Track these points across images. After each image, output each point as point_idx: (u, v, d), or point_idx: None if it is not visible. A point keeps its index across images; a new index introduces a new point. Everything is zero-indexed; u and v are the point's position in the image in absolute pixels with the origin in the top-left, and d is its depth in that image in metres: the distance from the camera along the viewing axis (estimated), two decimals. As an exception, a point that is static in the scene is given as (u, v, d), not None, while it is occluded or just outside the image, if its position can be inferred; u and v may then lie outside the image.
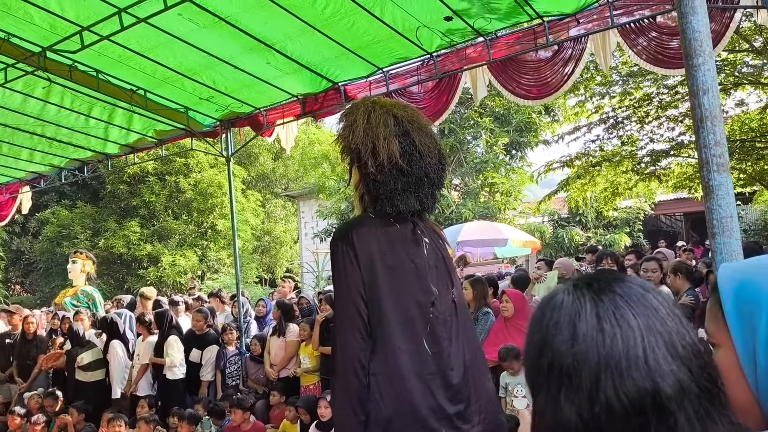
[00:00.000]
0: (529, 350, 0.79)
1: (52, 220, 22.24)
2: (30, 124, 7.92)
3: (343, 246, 2.14)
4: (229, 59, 6.18)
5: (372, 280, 2.09)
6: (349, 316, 2.08)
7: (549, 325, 0.77)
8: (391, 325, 2.07)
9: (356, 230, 2.16)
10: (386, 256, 2.13)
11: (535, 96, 6.07)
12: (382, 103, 2.30)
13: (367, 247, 2.12)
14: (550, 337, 0.75)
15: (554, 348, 0.74)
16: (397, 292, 2.11)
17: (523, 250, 13.59)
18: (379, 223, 2.19)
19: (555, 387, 0.72)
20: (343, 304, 2.11)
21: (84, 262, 8.55)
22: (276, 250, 25.28)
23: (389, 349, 2.06)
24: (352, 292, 2.08)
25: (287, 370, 6.69)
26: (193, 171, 21.83)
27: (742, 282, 0.95)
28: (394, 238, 2.18)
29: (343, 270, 2.12)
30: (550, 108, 17.19)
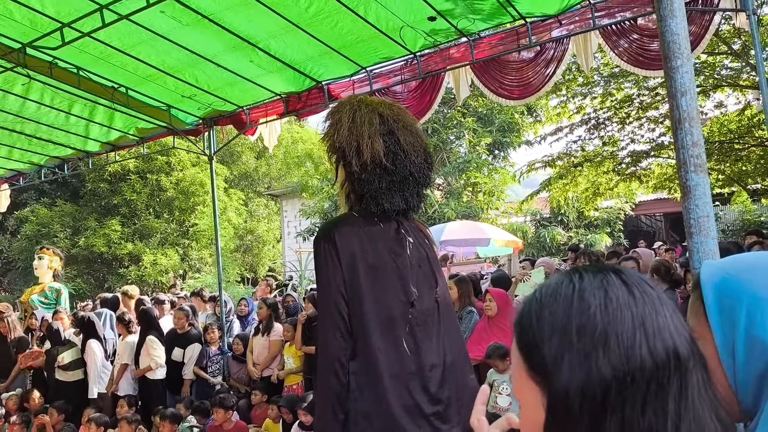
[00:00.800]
0: (545, 324, 0.79)
1: (31, 219, 21.99)
2: (9, 121, 7.81)
3: (325, 245, 2.14)
4: (212, 57, 6.15)
5: (353, 280, 2.10)
6: (330, 316, 2.08)
7: (573, 295, 0.79)
8: (370, 325, 2.08)
9: (339, 229, 2.16)
10: (368, 255, 2.14)
11: (518, 96, 6.12)
12: (368, 101, 2.31)
13: (349, 247, 2.13)
14: (578, 303, 0.78)
15: (587, 313, 0.77)
16: (378, 291, 2.12)
17: (506, 249, 13.66)
18: (363, 222, 2.19)
19: (587, 350, 0.74)
20: (325, 303, 2.12)
21: (51, 258, 8.30)
22: (259, 249, 25.20)
23: (368, 349, 2.06)
24: (333, 292, 2.09)
25: (270, 370, 6.67)
26: (174, 169, 21.70)
27: (723, 278, 0.99)
28: (376, 238, 2.19)
29: (324, 269, 2.13)
30: (533, 108, 17.30)
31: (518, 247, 14.09)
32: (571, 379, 0.74)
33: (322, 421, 2.06)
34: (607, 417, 0.72)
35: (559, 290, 0.81)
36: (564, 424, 0.74)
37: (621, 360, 0.73)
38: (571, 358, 0.75)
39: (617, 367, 0.73)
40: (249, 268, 24.91)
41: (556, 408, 0.75)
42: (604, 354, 0.73)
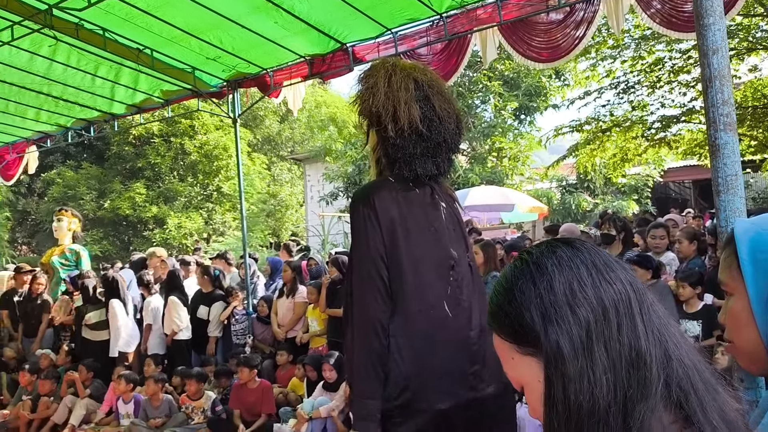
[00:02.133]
0: (518, 302, 0.86)
1: (57, 181, 22.29)
2: (36, 82, 7.86)
3: (364, 209, 2.14)
4: (237, 18, 6.10)
5: (392, 243, 2.10)
6: (370, 279, 2.08)
7: (528, 268, 0.88)
8: (411, 287, 2.09)
9: (377, 194, 2.16)
10: (406, 220, 2.14)
11: (546, 59, 5.98)
12: (403, 65, 2.29)
13: (387, 211, 2.13)
14: (536, 270, 0.87)
15: (547, 274, 0.86)
16: (418, 255, 2.13)
17: (530, 215, 13.59)
18: (399, 187, 2.19)
19: (560, 304, 0.84)
20: (364, 266, 2.12)
21: (70, 219, 8.32)
22: (282, 214, 25.34)
23: (409, 311, 2.08)
24: (374, 255, 2.09)
25: (294, 332, 6.75)
26: (198, 133, 21.78)
27: (758, 233, 1.03)
28: (413, 202, 2.19)
29: (364, 233, 2.12)
30: (561, 72, 16.95)
31: (543, 214, 14.00)
32: (560, 331, 0.82)
33: (362, 381, 2.06)
34: (594, 348, 0.81)
35: (515, 272, 0.89)
36: (563, 371, 0.81)
37: (591, 300, 0.83)
38: (552, 316, 0.83)
39: (591, 306, 0.82)
40: (272, 232, 25.09)
41: (554, 361, 0.82)
42: (576, 301, 0.83)
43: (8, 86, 7.97)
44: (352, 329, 2.14)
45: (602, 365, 0.80)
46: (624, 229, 5.79)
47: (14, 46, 6.74)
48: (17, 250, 23.84)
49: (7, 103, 8.59)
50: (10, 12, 5.94)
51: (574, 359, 0.81)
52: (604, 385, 0.79)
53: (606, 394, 0.79)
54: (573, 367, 0.81)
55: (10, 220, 22.49)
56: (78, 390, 6.54)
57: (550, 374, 0.82)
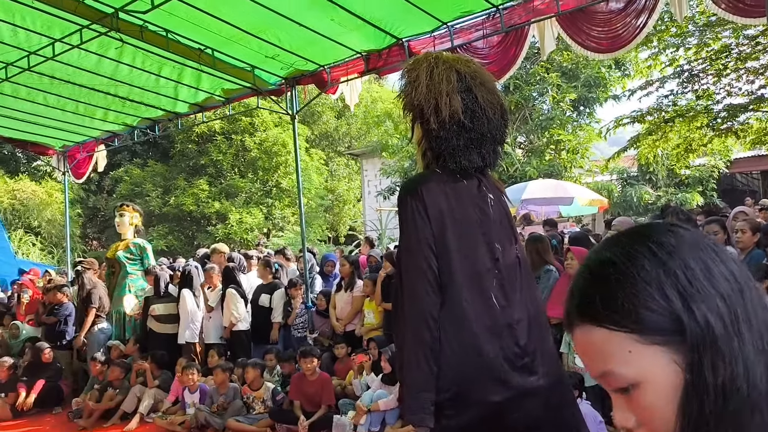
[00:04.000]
0: (645, 285, 0.75)
1: (125, 179, 23.09)
2: (104, 84, 8.19)
3: (412, 201, 2.15)
4: (294, 16, 6.20)
5: (441, 235, 2.11)
6: (420, 270, 2.09)
7: (644, 247, 0.78)
8: (459, 280, 2.09)
9: (425, 186, 2.17)
10: (454, 212, 2.15)
11: (606, 49, 5.87)
12: (445, 58, 2.29)
13: (436, 203, 2.13)
14: (658, 249, 0.77)
15: (671, 251, 0.77)
16: (466, 247, 2.13)
17: (590, 208, 13.31)
18: (447, 179, 2.20)
19: (696, 279, 0.75)
20: (414, 258, 2.13)
21: (131, 214, 8.46)
22: (339, 209, 25.58)
23: (458, 303, 2.08)
24: (423, 247, 2.10)
25: (353, 325, 6.85)
26: (258, 130, 22.18)
27: None
28: (461, 194, 2.19)
29: (413, 225, 2.13)
30: (621, 62, 16.52)
31: (603, 207, 13.70)
32: (707, 308, 0.73)
33: (415, 373, 2.06)
34: (741, 326, 0.73)
35: (627, 253, 0.78)
36: (714, 352, 0.73)
37: (727, 276, 0.75)
38: (694, 293, 0.74)
39: (729, 282, 0.75)
40: (330, 227, 25.36)
41: (704, 341, 0.73)
42: (713, 277, 0.75)
43: (78, 88, 8.32)
44: (404, 321, 2.15)
45: (751, 344, 0.73)
46: (688, 222, 5.64)
47: (83, 49, 7.04)
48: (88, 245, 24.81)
49: (77, 104, 8.98)
50: (79, 16, 6.22)
51: (726, 338, 0.72)
52: (756, 366, 0.72)
53: (760, 376, 0.72)
54: (726, 346, 0.72)
55: (81, 216, 23.43)
56: (147, 380, 6.80)
57: (698, 358, 0.73)
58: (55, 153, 11.33)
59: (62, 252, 18.41)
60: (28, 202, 21.33)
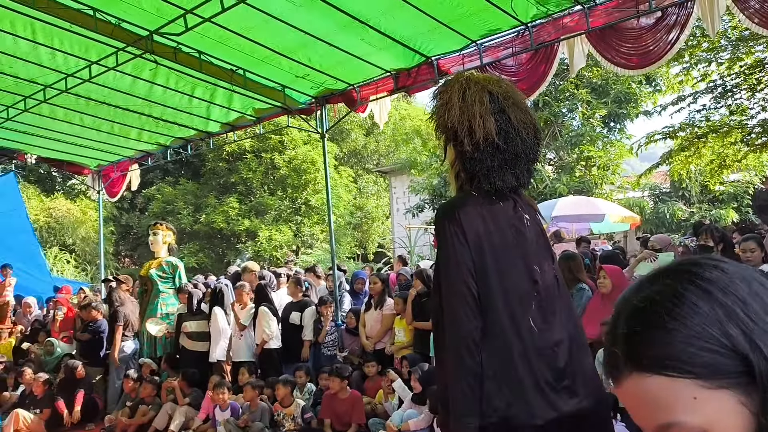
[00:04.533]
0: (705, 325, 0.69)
1: (157, 197, 23.46)
2: (138, 104, 8.37)
3: (450, 225, 2.14)
4: (324, 37, 6.28)
5: (480, 258, 2.10)
6: (460, 295, 2.08)
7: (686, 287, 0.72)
8: (499, 303, 2.07)
9: (462, 209, 2.16)
10: (492, 234, 2.13)
11: (637, 65, 5.83)
12: (477, 79, 2.28)
13: (473, 226, 2.12)
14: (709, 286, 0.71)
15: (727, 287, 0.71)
16: (504, 269, 2.11)
17: (622, 225, 13.14)
18: (482, 201, 2.19)
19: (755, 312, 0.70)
20: (453, 282, 2.11)
21: (164, 233, 8.45)
22: (368, 226, 25.63)
23: (498, 327, 2.07)
24: (463, 271, 2.08)
25: (382, 343, 6.82)
26: (287, 148, 22.40)
27: None
28: (498, 216, 2.18)
29: (451, 249, 2.12)
30: (652, 77, 16.37)
31: (635, 223, 13.51)
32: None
33: (459, 400, 2.04)
34: None
35: (676, 291, 0.72)
36: None
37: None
38: (756, 330, 0.68)
39: None
40: (359, 244, 25.40)
41: None
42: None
43: (113, 109, 8.52)
44: (445, 346, 2.13)
45: None
46: (722, 239, 5.54)
47: (118, 70, 7.21)
48: (121, 262, 25.21)
49: (112, 125, 9.18)
50: (115, 39, 6.38)
51: None
52: None
53: None
54: None
55: (114, 234, 23.81)
56: (177, 397, 6.85)
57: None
58: (90, 172, 11.57)
59: (96, 269, 18.71)
60: (63, 220, 21.75)
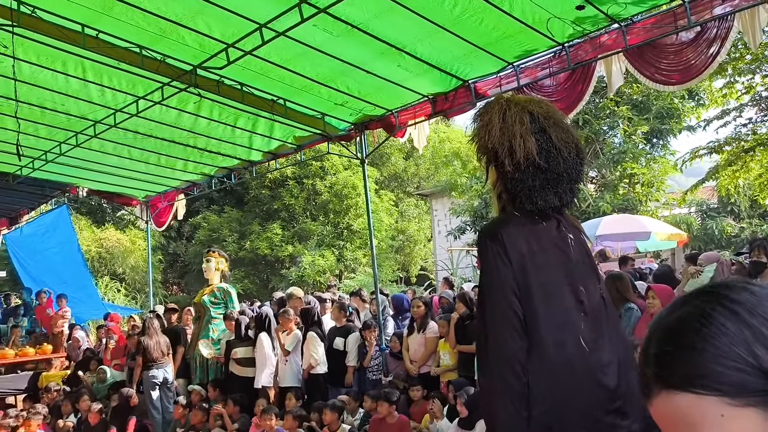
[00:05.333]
0: (733, 346, 0.71)
1: (203, 225, 23.92)
2: (184, 136, 8.63)
3: (492, 245, 2.13)
4: (362, 65, 6.39)
5: (524, 278, 2.08)
6: (504, 316, 2.06)
7: (713, 310, 0.74)
8: (544, 323, 2.05)
9: (505, 230, 2.15)
10: (536, 255, 2.12)
11: (677, 81, 5.76)
12: (517, 100, 2.29)
13: (517, 246, 2.11)
14: (738, 307, 0.74)
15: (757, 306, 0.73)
16: (549, 290, 2.10)
17: (669, 243, 12.87)
18: (525, 221, 2.18)
19: None
20: (497, 303, 2.10)
21: (217, 260, 8.58)
22: (410, 249, 25.62)
23: (545, 348, 2.04)
24: (507, 292, 2.07)
25: (426, 367, 6.80)
26: (328, 174, 22.65)
27: None
28: (541, 236, 2.17)
29: (495, 270, 2.11)
30: (695, 91, 16.12)
31: (683, 241, 13.23)
32: None
33: (505, 423, 2.03)
34: None
35: (705, 313, 0.75)
36: None
37: None
38: None
39: None
40: (401, 267, 25.40)
41: None
42: None
43: (160, 141, 8.79)
44: (490, 369, 2.12)
45: None
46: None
47: (164, 105, 7.46)
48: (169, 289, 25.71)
49: (159, 157, 9.46)
50: (161, 75, 6.60)
51: None
52: None
53: None
54: None
55: (162, 262, 24.33)
56: (226, 424, 6.92)
57: None
58: (139, 203, 11.91)
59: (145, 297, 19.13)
60: (114, 250, 22.34)
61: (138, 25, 5.77)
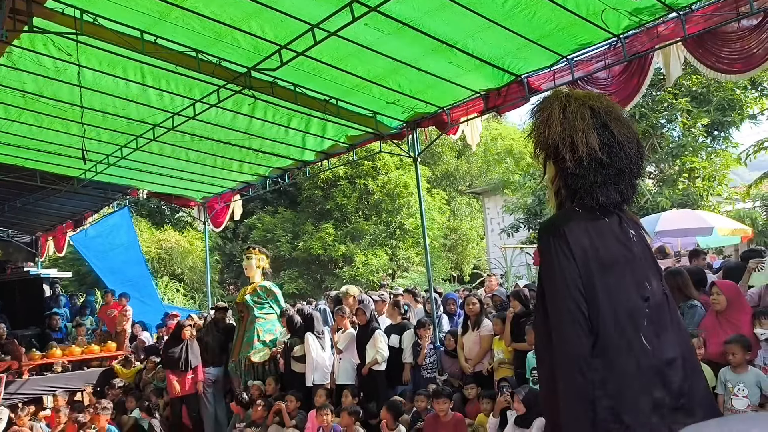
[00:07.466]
0: None
1: (257, 226, 24.31)
2: (239, 138, 8.79)
3: (555, 241, 2.10)
4: (413, 62, 6.39)
5: (587, 275, 2.05)
6: (569, 313, 2.03)
7: None
8: (609, 321, 2.02)
9: (566, 225, 2.12)
10: (599, 251, 2.09)
11: (739, 70, 5.58)
12: (577, 95, 2.26)
13: (579, 242, 2.08)
14: None
15: None
16: (613, 286, 2.06)
17: (732, 239, 12.44)
18: (587, 216, 2.15)
19: None
20: (561, 300, 2.07)
21: (258, 257, 8.41)
22: (463, 247, 25.47)
23: (608, 345, 2.01)
24: (571, 288, 2.04)
25: (481, 365, 6.76)
26: (380, 173, 22.71)
27: None
28: (604, 232, 2.13)
29: (558, 266, 2.08)
30: (758, 81, 15.52)
31: (747, 236, 12.76)
32: None
33: (572, 421, 2.01)
34: None
35: None
36: None
37: None
38: None
39: None
40: (454, 266, 25.29)
41: None
42: None
43: (216, 143, 8.99)
44: (552, 366, 2.10)
45: None
46: None
47: (220, 107, 7.62)
48: (226, 289, 26.19)
49: (215, 159, 9.67)
50: (216, 77, 6.75)
51: None
52: None
53: None
54: None
55: (219, 262, 24.83)
56: (284, 420, 7.02)
57: None
58: (196, 204, 12.20)
59: (203, 297, 19.58)
60: (172, 250, 22.91)
61: (194, 29, 5.92)
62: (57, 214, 14.44)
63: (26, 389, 8.64)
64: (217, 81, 6.95)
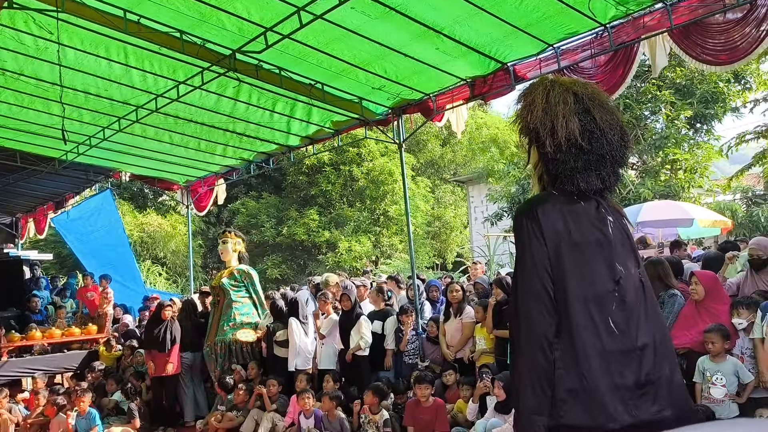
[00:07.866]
0: None
1: (241, 210, 24.21)
2: (223, 121, 8.72)
3: (528, 222, 2.11)
4: (400, 48, 6.36)
5: (557, 257, 2.06)
6: (535, 292, 2.05)
7: None
8: (576, 302, 2.03)
9: (541, 207, 2.13)
10: (572, 234, 2.09)
11: (724, 61, 5.62)
12: (561, 81, 2.25)
13: (552, 224, 2.09)
14: None
15: None
16: (583, 269, 2.07)
17: (712, 230, 12.59)
18: (563, 200, 2.15)
19: None
20: (529, 280, 2.08)
21: (234, 240, 8.30)
22: (446, 235, 25.55)
23: (573, 327, 2.02)
24: (539, 269, 2.06)
25: (462, 351, 6.80)
26: (365, 160, 22.68)
27: None
28: (579, 216, 2.13)
29: (528, 246, 2.10)
30: (740, 74, 15.64)
31: (727, 228, 12.92)
32: None
33: (529, 397, 2.02)
34: None
35: None
36: None
37: None
38: None
39: None
40: (438, 253, 25.36)
41: None
42: None
43: (200, 126, 8.91)
44: (518, 346, 2.12)
45: None
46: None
47: (204, 89, 7.54)
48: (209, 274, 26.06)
49: (199, 142, 9.59)
50: (200, 59, 6.68)
51: None
52: None
53: None
54: None
55: (202, 247, 24.70)
56: (265, 404, 7.03)
57: None
58: (180, 188, 12.10)
59: (186, 281, 19.49)
60: (155, 234, 22.77)
61: (178, 9, 5.84)
62: (38, 196, 14.26)
63: (5, 371, 8.58)
64: (201, 63, 6.87)
